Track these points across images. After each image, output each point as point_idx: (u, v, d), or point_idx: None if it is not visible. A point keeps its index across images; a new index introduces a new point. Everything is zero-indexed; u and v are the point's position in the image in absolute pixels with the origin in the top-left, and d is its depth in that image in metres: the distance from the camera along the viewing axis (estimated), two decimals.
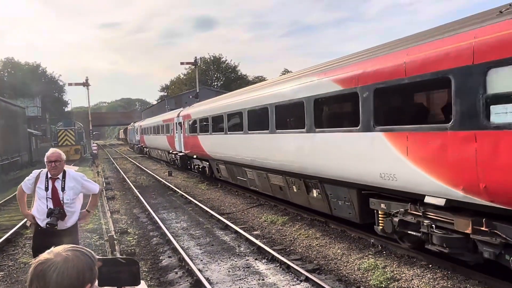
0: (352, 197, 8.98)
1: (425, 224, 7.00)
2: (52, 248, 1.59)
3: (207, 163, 20.21)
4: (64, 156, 5.56)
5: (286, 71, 66.13)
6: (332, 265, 8.20)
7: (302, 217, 12.07)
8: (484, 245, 6.02)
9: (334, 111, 10.76)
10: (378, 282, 7.08)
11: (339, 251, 8.95)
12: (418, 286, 6.87)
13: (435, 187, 6.43)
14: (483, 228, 5.97)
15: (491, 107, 5.52)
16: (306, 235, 10.30)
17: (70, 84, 47.59)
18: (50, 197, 5.42)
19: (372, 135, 7.78)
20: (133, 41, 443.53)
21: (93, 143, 44.69)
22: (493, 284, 6.54)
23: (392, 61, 7.25)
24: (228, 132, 15.83)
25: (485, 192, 5.64)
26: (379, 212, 8.27)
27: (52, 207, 5.36)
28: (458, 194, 6.08)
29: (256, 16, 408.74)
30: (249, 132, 13.73)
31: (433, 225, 6.82)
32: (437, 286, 6.76)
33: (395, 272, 7.48)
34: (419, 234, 7.21)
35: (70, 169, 5.71)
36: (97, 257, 1.69)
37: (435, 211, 6.81)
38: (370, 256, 8.44)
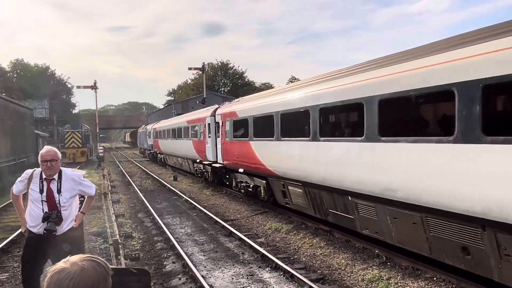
0: None
1: None
2: (69, 257, 1.62)
3: (263, 182, 14.24)
4: (60, 155, 5.16)
5: (293, 79, 66.26)
6: (336, 275, 8.17)
7: (306, 226, 12.04)
8: None
9: None
10: None
11: (343, 261, 8.91)
12: None
13: None
14: None
15: None
16: (310, 244, 10.27)
17: (78, 87, 48.22)
18: (45, 200, 4.96)
19: None
20: (142, 45, 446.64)
21: (100, 145, 44.89)
22: None
23: None
24: (321, 138, 9.87)
25: None
26: None
27: (47, 211, 4.91)
28: None
29: (264, 23, 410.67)
30: (383, 139, 7.80)
31: None
32: None
33: (399, 284, 7.44)
34: None
35: (67, 169, 5.34)
36: (110, 267, 1.72)
37: None
38: (374, 267, 8.41)
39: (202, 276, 7.99)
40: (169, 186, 22.07)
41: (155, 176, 27.69)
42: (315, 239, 10.63)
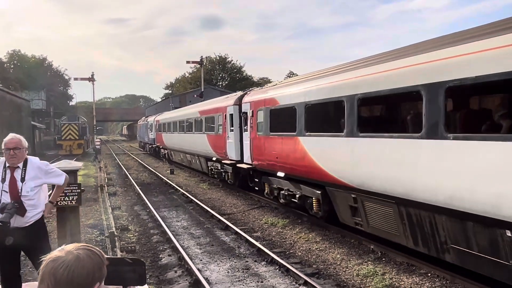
0: None
1: None
2: (64, 246, 1.62)
3: (318, 192, 10.59)
4: (25, 143, 4.79)
5: (291, 74, 66.18)
6: (331, 270, 8.21)
7: (302, 221, 12.08)
8: None
9: None
10: None
11: (338, 256, 8.96)
12: None
13: None
14: None
15: None
16: (306, 239, 10.31)
17: (76, 79, 47.99)
18: (7, 190, 4.62)
19: None
20: (140, 37, 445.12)
21: (97, 138, 44.78)
22: None
23: None
24: (452, 136, 6.39)
25: None
26: None
27: (8, 201, 4.56)
28: None
29: (263, 18, 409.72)
30: None
31: None
32: None
33: (394, 280, 7.49)
34: None
35: (33, 157, 5.01)
36: (106, 256, 1.72)
37: None
38: (369, 262, 8.45)
39: (198, 269, 8.02)
40: (166, 180, 22.07)
41: (152, 169, 27.68)
42: (311, 234, 10.67)
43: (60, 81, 72.27)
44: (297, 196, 11.72)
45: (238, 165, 15.80)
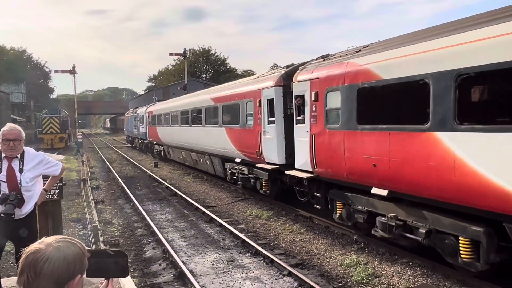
0: None
1: None
2: (44, 238, 1.61)
3: (479, 230, 6.10)
4: (23, 135, 4.70)
5: (275, 66, 66.13)
6: (315, 261, 8.30)
7: (286, 212, 12.15)
8: None
9: None
10: (359, 278, 7.19)
11: (322, 246, 9.05)
12: (398, 283, 7.00)
13: None
14: None
15: None
16: (290, 230, 10.39)
17: (56, 72, 47.21)
18: (5, 180, 4.51)
19: None
20: (122, 29, 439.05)
21: (79, 131, 44.19)
22: (472, 283, 6.68)
23: None
24: None
25: None
26: None
27: (7, 191, 4.47)
28: None
29: (246, 9, 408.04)
30: None
31: None
32: (417, 283, 6.89)
33: (377, 269, 7.61)
34: None
35: (30, 148, 4.96)
36: (87, 248, 1.71)
37: None
38: (352, 252, 8.56)
39: (183, 262, 8.03)
40: (150, 173, 21.93)
41: (135, 163, 27.47)
42: (295, 225, 10.75)
43: (40, 73, 70.84)
44: (422, 232, 7.09)
45: (288, 172, 11.12)
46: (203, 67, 73.34)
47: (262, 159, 12.73)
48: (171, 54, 43.82)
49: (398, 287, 6.86)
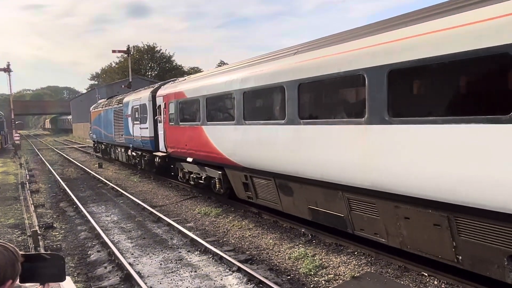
0: None
1: None
2: None
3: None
4: None
5: (222, 63, 65.93)
6: (264, 255, 8.37)
7: (235, 209, 12.16)
8: None
9: None
10: (307, 270, 7.33)
11: (271, 241, 9.14)
12: (344, 272, 7.20)
13: None
14: None
15: None
16: (239, 226, 10.40)
17: None
18: None
19: None
20: (61, 25, 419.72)
21: (16, 133, 41.92)
22: (412, 268, 7.01)
23: None
24: None
25: None
26: None
27: None
28: None
29: (191, 6, 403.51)
30: None
31: None
32: (361, 272, 7.13)
33: (324, 260, 7.79)
34: None
35: None
36: (21, 253, 1.62)
37: None
38: (300, 245, 8.71)
39: (129, 263, 7.82)
40: (94, 174, 21.19)
41: (78, 164, 26.42)
42: (244, 222, 10.78)
43: None
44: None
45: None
46: (148, 65, 71.89)
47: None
48: (114, 51, 42.36)
49: (344, 276, 7.06)
